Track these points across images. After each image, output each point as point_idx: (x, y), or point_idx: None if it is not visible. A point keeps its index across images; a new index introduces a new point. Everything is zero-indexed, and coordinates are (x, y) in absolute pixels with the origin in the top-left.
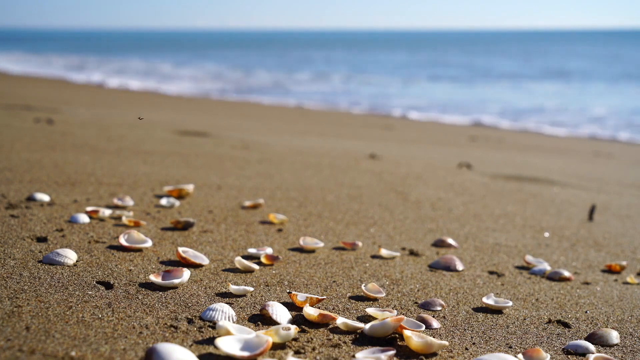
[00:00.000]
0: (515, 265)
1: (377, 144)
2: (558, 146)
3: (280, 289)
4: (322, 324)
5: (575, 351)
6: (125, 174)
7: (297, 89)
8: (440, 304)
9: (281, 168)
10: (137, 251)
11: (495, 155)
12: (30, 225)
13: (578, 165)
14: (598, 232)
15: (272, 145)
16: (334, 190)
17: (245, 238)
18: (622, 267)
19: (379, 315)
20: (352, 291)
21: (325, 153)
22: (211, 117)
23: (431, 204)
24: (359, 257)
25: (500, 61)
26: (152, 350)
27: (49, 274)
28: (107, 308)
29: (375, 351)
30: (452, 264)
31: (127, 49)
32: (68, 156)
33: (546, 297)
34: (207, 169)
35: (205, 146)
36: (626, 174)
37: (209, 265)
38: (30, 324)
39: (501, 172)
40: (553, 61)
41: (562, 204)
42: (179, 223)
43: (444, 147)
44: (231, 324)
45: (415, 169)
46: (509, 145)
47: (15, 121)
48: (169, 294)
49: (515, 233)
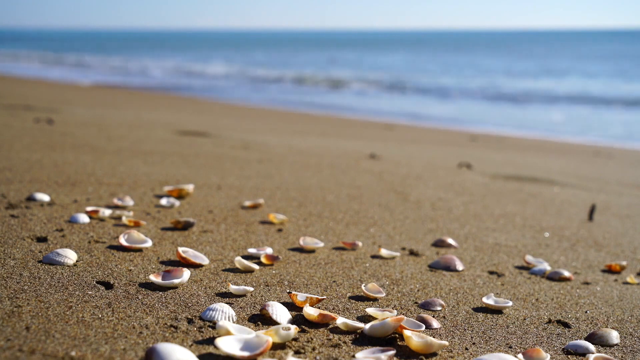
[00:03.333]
0: (515, 265)
1: (377, 144)
2: (558, 146)
3: (280, 289)
4: (322, 324)
5: (575, 351)
6: (125, 174)
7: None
8: (440, 304)
9: (281, 168)
10: (137, 251)
11: (495, 155)
12: (30, 225)
13: (578, 165)
14: (598, 232)
15: (272, 145)
16: (334, 190)
17: (245, 238)
18: (622, 267)
19: (379, 315)
20: (352, 291)
21: (325, 153)
22: (211, 117)
23: (431, 204)
24: (359, 257)
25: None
26: (152, 350)
27: (49, 274)
28: (107, 308)
29: (375, 351)
30: (452, 264)
31: (128, 49)
32: (68, 156)
33: (546, 297)
34: (207, 169)
35: (205, 146)
36: (626, 174)
37: (209, 265)
38: (30, 324)
39: (501, 172)
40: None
41: (562, 204)
42: (179, 223)
43: (444, 147)
44: (231, 324)
45: (415, 169)
46: (509, 145)
47: (15, 121)
48: (169, 294)
49: (515, 233)
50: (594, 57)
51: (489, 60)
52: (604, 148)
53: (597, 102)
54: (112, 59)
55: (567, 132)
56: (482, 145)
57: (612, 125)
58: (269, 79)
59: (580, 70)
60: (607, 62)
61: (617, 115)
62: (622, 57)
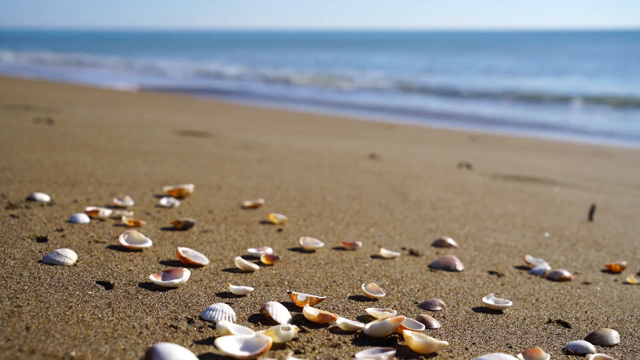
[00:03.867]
0: (515, 265)
1: (377, 144)
2: (558, 146)
3: (280, 289)
4: (322, 324)
5: (575, 351)
6: (125, 174)
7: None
8: (440, 304)
9: (281, 168)
10: (137, 251)
11: (495, 155)
12: (30, 225)
13: (578, 165)
14: (598, 232)
15: (272, 145)
16: (334, 190)
17: (245, 238)
18: (622, 267)
19: (379, 315)
20: (352, 291)
21: (325, 153)
22: (211, 117)
23: (431, 204)
24: (359, 257)
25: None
26: (152, 350)
27: (49, 274)
28: (107, 308)
29: (375, 351)
30: (452, 264)
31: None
32: (68, 156)
33: (546, 297)
34: (207, 169)
35: (205, 146)
36: (626, 174)
37: (209, 265)
38: (30, 324)
39: (501, 172)
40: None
41: (562, 204)
42: (179, 223)
43: (444, 147)
44: (231, 324)
45: (415, 169)
46: (509, 145)
47: (15, 121)
48: (169, 294)
49: (515, 233)
50: (593, 57)
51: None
52: (604, 148)
53: (596, 102)
54: (131, 60)
55: (567, 131)
56: (482, 145)
57: (612, 125)
58: (302, 82)
59: (579, 70)
60: (608, 62)
61: (617, 115)
62: (625, 57)
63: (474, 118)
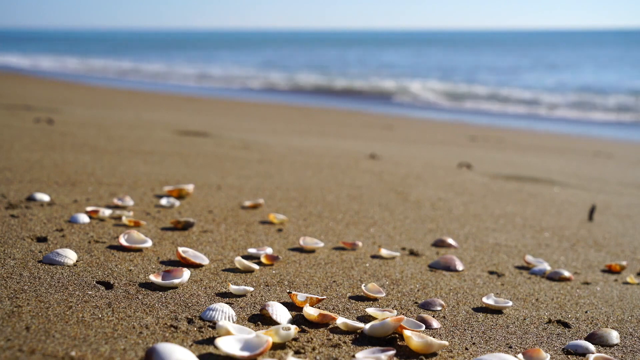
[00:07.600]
0: (515, 265)
1: (377, 144)
2: (558, 146)
3: (280, 289)
4: (322, 324)
5: (575, 351)
6: (125, 174)
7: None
8: (440, 304)
9: (281, 168)
10: (137, 251)
11: (495, 155)
12: (30, 225)
13: (578, 165)
14: (598, 232)
15: (272, 145)
16: (334, 190)
17: (245, 238)
18: (622, 267)
19: (379, 315)
20: (352, 291)
21: (325, 153)
22: (211, 117)
23: (431, 204)
24: (359, 257)
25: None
26: (152, 350)
27: (49, 274)
28: (107, 308)
29: (375, 351)
30: (452, 264)
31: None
32: (68, 156)
33: (546, 297)
34: (207, 169)
35: (205, 146)
36: (626, 174)
37: (209, 265)
38: (30, 324)
39: (501, 172)
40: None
41: (562, 204)
42: (179, 223)
43: (444, 147)
44: (231, 324)
45: (415, 169)
46: (509, 145)
47: (15, 121)
48: (169, 294)
49: (515, 233)
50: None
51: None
52: (604, 148)
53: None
54: (147, 65)
55: (567, 131)
56: (482, 145)
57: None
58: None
59: (580, 70)
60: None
61: (616, 116)
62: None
63: (475, 116)
